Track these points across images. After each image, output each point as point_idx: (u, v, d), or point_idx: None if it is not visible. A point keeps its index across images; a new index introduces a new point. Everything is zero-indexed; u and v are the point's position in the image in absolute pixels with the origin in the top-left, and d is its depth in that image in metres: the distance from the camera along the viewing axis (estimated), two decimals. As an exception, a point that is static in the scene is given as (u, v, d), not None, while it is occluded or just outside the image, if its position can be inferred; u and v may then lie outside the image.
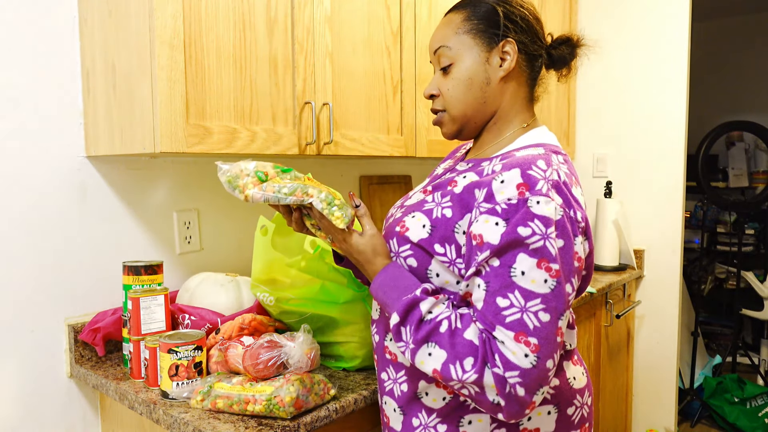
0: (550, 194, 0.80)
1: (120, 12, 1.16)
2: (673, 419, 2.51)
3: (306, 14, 1.35)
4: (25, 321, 1.25)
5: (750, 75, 4.13)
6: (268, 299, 1.24)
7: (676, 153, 2.41)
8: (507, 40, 0.93)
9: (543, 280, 0.77)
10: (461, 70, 0.95)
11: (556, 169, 0.83)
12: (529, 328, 0.76)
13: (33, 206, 1.25)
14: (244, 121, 1.25)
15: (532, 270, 0.77)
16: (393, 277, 0.87)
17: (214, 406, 1.03)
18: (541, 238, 0.77)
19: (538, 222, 0.78)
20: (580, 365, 0.98)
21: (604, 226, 2.46)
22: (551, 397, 0.90)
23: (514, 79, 0.96)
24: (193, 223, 1.53)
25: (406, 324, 0.82)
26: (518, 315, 0.76)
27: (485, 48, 0.94)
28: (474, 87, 0.95)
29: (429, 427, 0.91)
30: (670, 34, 2.39)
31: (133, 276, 1.24)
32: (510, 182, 0.81)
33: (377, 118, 1.58)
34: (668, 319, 2.48)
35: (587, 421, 0.97)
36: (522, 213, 0.78)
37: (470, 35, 0.95)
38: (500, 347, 0.76)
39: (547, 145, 0.92)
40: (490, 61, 0.94)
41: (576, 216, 0.82)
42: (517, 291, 0.77)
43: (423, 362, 0.80)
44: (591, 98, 2.61)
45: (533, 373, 0.75)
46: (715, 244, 4.02)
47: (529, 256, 0.77)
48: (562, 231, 0.79)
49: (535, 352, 0.75)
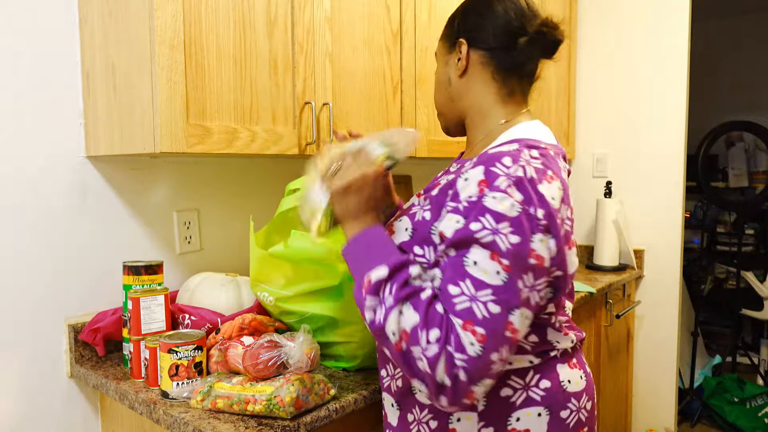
0: (508, 191, 0.79)
1: (120, 12, 1.16)
2: (673, 419, 2.52)
3: (306, 14, 1.35)
4: (25, 321, 1.25)
5: (750, 75, 4.13)
6: (268, 299, 1.24)
7: (676, 153, 2.41)
8: (459, 40, 0.99)
9: (495, 271, 0.76)
10: (437, 75, 1.06)
11: (522, 166, 0.82)
12: (477, 318, 0.75)
13: (33, 206, 1.25)
14: (244, 121, 1.25)
15: (485, 261, 0.77)
16: (386, 237, 0.87)
17: (214, 406, 1.03)
18: (490, 232, 0.77)
19: (489, 217, 0.78)
20: (578, 368, 0.96)
21: (604, 226, 2.46)
22: (541, 399, 0.89)
23: (476, 74, 0.99)
24: (193, 223, 1.54)
25: (392, 280, 0.80)
26: (468, 303, 0.76)
27: (448, 51, 1.03)
28: (441, 88, 1.05)
29: (422, 423, 0.92)
30: (670, 34, 2.39)
31: (133, 276, 1.24)
32: (472, 180, 0.82)
33: (377, 119, 1.58)
34: (668, 319, 2.48)
35: (585, 426, 0.94)
36: (477, 209, 0.79)
37: (441, 41, 1.05)
38: (456, 329, 0.76)
39: (524, 140, 0.91)
40: (450, 63, 1.02)
41: (536, 213, 0.80)
42: (469, 280, 0.77)
43: (395, 321, 0.78)
44: (591, 98, 2.61)
45: (477, 362, 0.74)
46: (715, 244, 4.02)
47: (483, 249, 0.77)
48: (518, 228, 0.78)
49: (480, 342, 0.74)
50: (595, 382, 2.21)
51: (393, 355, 0.81)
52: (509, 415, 0.88)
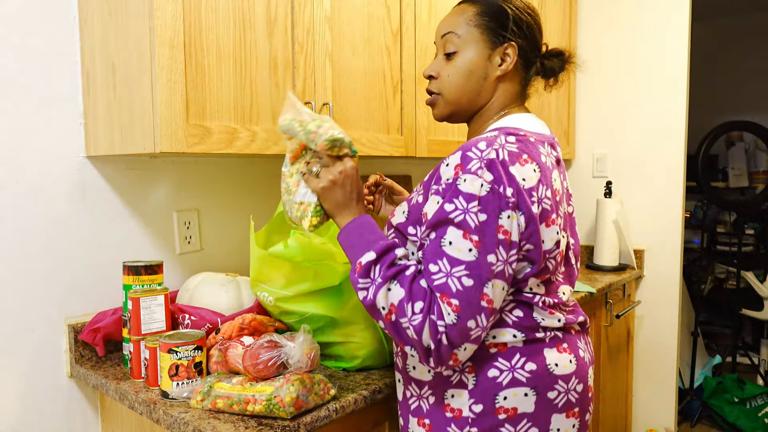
0: (478, 172, 0.87)
1: (120, 12, 1.16)
2: (673, 419, 2.52)
3: (306, 14, 1.35)
4: (25, 321, 1.25)
5: (750, 75, 4.13)
6: (268, 299, 1.24)
7: (676, 153, 2.41)
8: (510, 43, 1.01)
9: (468, 249, 0.85)
10: (464, 60, 1.02)
11: (496, 149, 0.89)
12: (452, 291, 0.85)
13: (33, 206, 1.25)
14: (244, 121, 1.25)
15: (459, 240, 0.86)
16: (372, 224, 0.97)
17: (214, 406, 1.03)
18: (461, 212, 0.86)
19: (462, 198, 0.87)
20: (568, 353, 0.99)
21: (604, 226, 2.46)
22: (526, 380, 0.94)
23: (509, 79, 1.04)
24: (193, 223, 1.54)
25: (380, 262, 0.90)
26: (444, 279, 0.86)
27: (490, 45, 1.02)
28: (472, 79, 1.03)
29: (422, 398, 1.01)
30: (670, 34, 2.39)
31: (133, 276, 1.24)
32: (451, 164, 0.91)
33: (377, 118, 1.58)
34: (668, 319, 2.48)
35: (576, 406, 0.98)
36: (452, 191, 0.88)
37: (479, 29, 1.02)
38: (437, 300, 0.86)
39: (504, 128, 0.98)
40: (492, 59, 1.02)
41: (505, 192, 0.87)
42: (445, 258, 0.86)
43: (384, 297, 0.88)
44: (591, 98, 2.61)
45: (455, 329, 0.84)
46: (715, 244, 4.02)
47: (456, 228, 0.86)
48: (486, 206, 0.86)
49: (456, 312, 0.84)
50: (595, 382, 2.22)
51: (385, 326, 0.90)
52: (496, 393, 0.94)
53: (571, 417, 0.98)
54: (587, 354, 1.04)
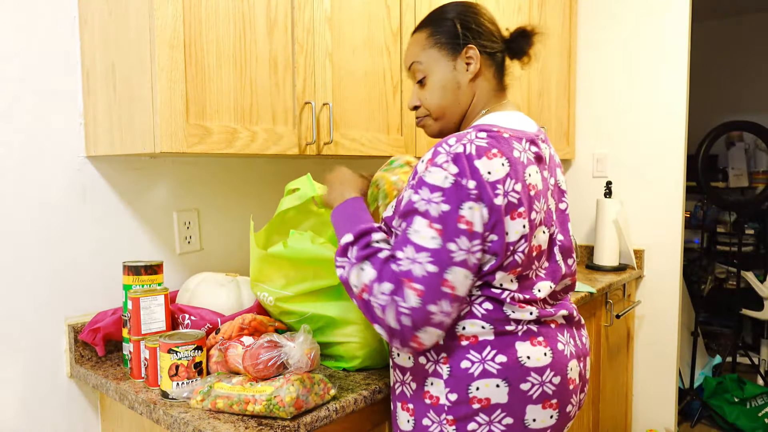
0: (444, 165, 0.92)
1: (120, 12, 1.16)
2: (673, 419, 2.52)
3: (306, 14, 1.35)
4: (25, 321, 1.25)
5: (750, 75, 4.13)
6: (268, 299, 1.24)
7: (676, 153, 2.41)
8: (468, 46, 1.07)
9: (431, 237, 0.90)
10: (434, 81, 1.10)
11: (464, 143, 0.94)
12: (415, 276, 0.89)
13: (33, 206, 1.25)
14: (244, 121, 1.25)
15: (423, 228, 0.91)
16: (361, 209, 1.06)
17: (214, 406, 1.03)
18: (426, 202, 0.91)
19: (426, 189, 0.92)
20: (543, 346, 1.00)
21: (604, 226, 2.46)
22: (497, 372, 0.97)
23: (480, 76, 1.09)
24: (193, 223, 1.54)
25: (356, 243, 0.97)
26: (409, 265, 0.90)
27: (450, 57, 1.08)
28: (448, 93, 1.09)
29: (406, 384, 1.05)
30: (670, 34, 2.39)
31: (133, 276, 1.24)
32: (425, 160, 0.96)
33: (377, 118, 1.58)
34: (668, 319, 2.48)
35: (554, 398, 1.00)
36: (418, 183, 0.94)
37: (436, 48, 1.09)
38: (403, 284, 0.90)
39: (479, 126, 1.01)
40: (457, 68, 1.08)
41: (467, 185, 0.91)
42: (411, 245, 0.91)
43: (357, 276, 0.95)
44: (591, 98, 2.61)
45: (417, 312, 0.89)
46: (715, 244, 4.02)
47: (422, 218, 0.91)
48: (449, 197, 0.90)
49: (419, 296, 0.88)
50: (595, 382, 2.22)
51: (358, 304, 0.96)
52: (469, 384, 0.97)
53: (548, 408, 0.99)
54: (569, 347, 1.04)
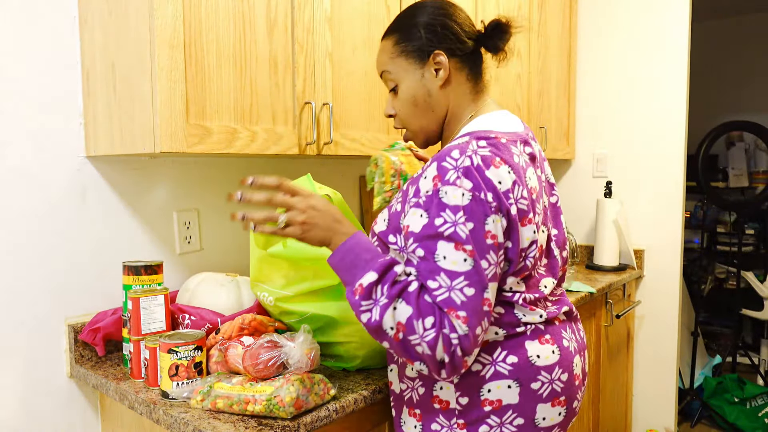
0: (457, 182, 0.88)
1: (120, 12, 1.16)
2: (673, 419, 2.52)
3: (306, 14, 1.35)
4: (25, 321, 1.25)
5: (750, 75, 4.13)
6: (268, 299, 1.24)
7: (676, 153, 2.41)
8: (436, 52, 1.02)
9: (463, 259, 0.86)
10: (404, 90, 1.05)
11: (469, 156, 0.90)
12: (457, 304, 0.85)
13: (33, 206, 1.25)
14: (244, 121, 1.25)
15: (451, 253, 0.86)
16: (365, 242, 0.94)
17: (214, 406, 1.03)
18: (451, 225, 0.87)
19: (449, 211, 0.87)
20: (551, 344, 1.00)
21: (604, 226, 2.46)
22: (509, 373, 0.96)
23: (453, 80, 1.05)
24: (193, 223, 1.54)
25: (382, 281, 0.88)
26: (447, 294, 0.86)
27: (418, 65, 1.03)
28: (419, 102, 1.05)
29: (414, 389, 1.03)
30: (670, 34, 2.39)
31: (133, 276, 1.24)
32: (429, 176, 0.91)
33: (377, 118, 1.58)
34: (668, 319, 2.48)
35: (562, 395, 1.00)
36: (435, 204, 0.88)
37: (402, 57, 1.04)
38: (447, 314, 0.86)
39: (474, 133, 0.98)
40: (426, 76, 1.03)
41: (486, 197, 0.88)
42: (443, 273, 0.86)
43: (391, 316, 0.86)
44: (591, 98, 2.61)
45: (467, 339, 0.85)
46: (715, 244, 4.02)
47: (446, 242, 0.87)
48: (471, 215, 0.87)
49: (465, 323, 0.85)
50: (595, 382, 2.22)
51: (392, 346, 0.89)
52: (481, 386, 0.96)
53: (557, 406, 0.99)
54: (572, 342, 1.05)
